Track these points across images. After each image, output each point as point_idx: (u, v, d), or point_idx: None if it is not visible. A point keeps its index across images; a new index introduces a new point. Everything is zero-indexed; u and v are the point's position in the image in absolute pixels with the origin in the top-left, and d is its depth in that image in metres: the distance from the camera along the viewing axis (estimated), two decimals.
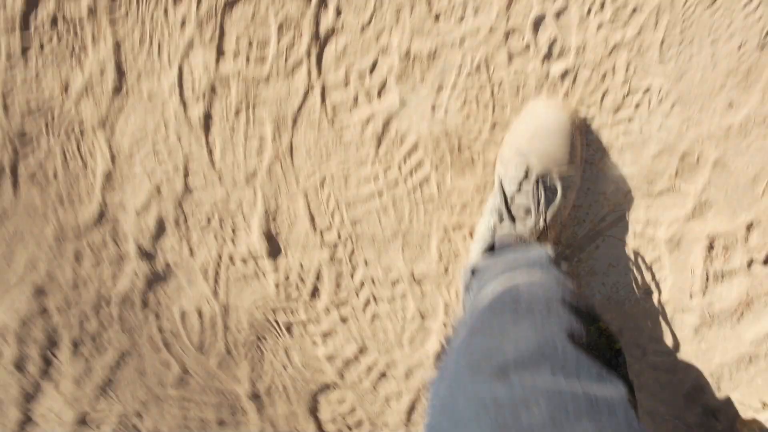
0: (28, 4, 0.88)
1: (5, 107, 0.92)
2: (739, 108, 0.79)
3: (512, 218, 0.75)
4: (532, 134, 0.78)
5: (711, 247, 0.82)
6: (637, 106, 0.82)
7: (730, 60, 0.78)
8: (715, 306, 0.83)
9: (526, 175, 0.77)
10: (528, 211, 0.76)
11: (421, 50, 0.85)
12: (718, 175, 0.81)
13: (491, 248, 0.74)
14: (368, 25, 0.85)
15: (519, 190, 0.76)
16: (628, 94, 0.82)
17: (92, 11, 0.88)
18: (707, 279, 0.83)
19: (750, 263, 0.81)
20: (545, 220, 0.75)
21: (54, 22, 0.88)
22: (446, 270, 0.91)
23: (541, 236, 0.75)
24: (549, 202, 0.76)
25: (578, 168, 0.80)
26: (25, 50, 0.90)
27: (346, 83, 0.87)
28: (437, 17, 0.84)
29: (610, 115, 0.82)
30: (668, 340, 0.86)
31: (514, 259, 0.65)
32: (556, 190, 0.76)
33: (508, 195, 0.76)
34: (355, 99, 0.87)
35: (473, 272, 0.73)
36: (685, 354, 0.86)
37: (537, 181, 0.76)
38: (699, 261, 0.83)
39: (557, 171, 0.77)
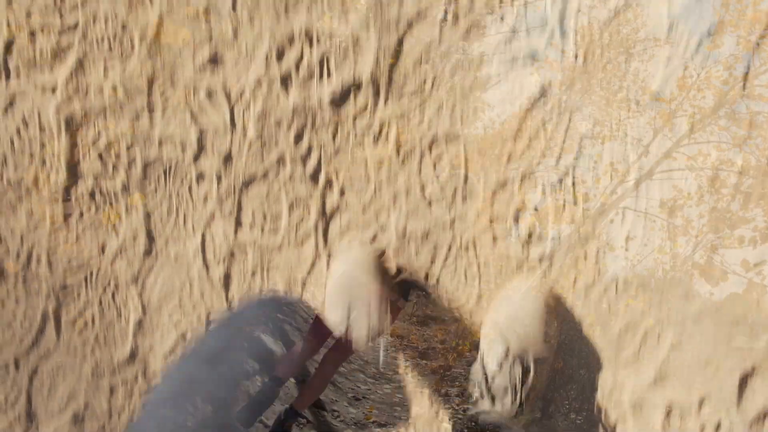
0: (69, 179, 1.00)
1: (50, 264, 1.04)
2: (694, 298, 0.89)
3: (492, 397, 0.87)
4: (512, 317, 0.89)
5: (669, 413, 0.93)
6: (605, 290, 0.92)
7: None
8: None
9: (506, 355, 0.88)
10: (506, 390, 0.87)
11: (416, 230, 0.95)
12: (675, 354, 0.91)
13: (475, 421, 0.86)
14: (369, 206, 0.96)
15: (500, 369, 0.87)
16: (597, 277, 0.92)
17: (126, 187, 0.99)
18: None
19: (701, 431, 0.92)
20: (521, 399, 0.86)
21: (92, 195, 1.00)
22: (437, 414, 1.03)
23: (518, 413, 0.87)
24: (524, 381, 0.87)
25: (551, 347, 0.91)
26: (67, 217, 1.02)
27: None
28: (430, 203, 0.94)
29: (581, 294, 0.93)
30: None
31: None
32: (530, 370, 0.88)
33: (489, 374, 0.88)
34: None
35: None
36: None
37: (514, 362, 0.87)
38: (658, 424, 0.94)
39: (532, 351, 0.88)
